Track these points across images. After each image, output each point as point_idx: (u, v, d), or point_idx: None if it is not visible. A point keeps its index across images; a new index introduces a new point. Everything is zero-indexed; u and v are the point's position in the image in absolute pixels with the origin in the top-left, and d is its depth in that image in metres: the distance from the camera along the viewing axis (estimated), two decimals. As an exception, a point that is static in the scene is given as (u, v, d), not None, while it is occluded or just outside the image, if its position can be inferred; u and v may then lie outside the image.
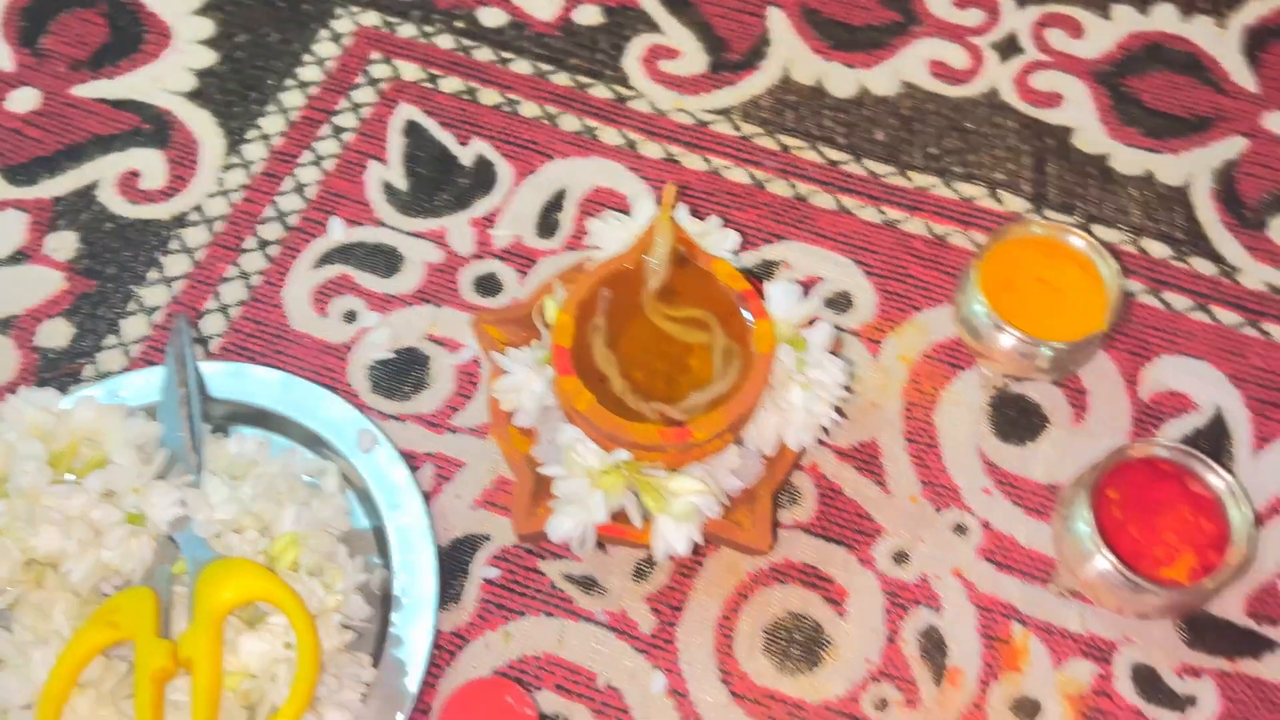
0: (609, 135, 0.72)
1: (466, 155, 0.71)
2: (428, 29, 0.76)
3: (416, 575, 0.57)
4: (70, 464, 0.54)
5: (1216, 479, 0.55)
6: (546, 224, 0.69)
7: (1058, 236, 0.61)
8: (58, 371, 0.64)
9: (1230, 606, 0.59)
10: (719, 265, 0.55)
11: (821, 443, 0.62)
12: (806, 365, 0.54)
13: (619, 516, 0.55)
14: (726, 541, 0.55)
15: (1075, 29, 0.76)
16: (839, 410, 0.58)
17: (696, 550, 0.59)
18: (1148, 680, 0.57)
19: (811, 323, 0.56)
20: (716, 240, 0.58)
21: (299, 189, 0.70)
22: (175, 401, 0.59)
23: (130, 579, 0.53)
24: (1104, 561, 0.54)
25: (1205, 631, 0.58)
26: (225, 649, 0.50)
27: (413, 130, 0.72)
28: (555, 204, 0.70)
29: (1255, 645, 0.58)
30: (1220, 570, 0.53)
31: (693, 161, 0.71)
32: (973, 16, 0.77)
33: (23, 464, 0.51)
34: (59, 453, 0.54)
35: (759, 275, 0.67)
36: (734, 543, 0.55)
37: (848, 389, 0.56)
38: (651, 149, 0.71)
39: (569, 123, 0.72)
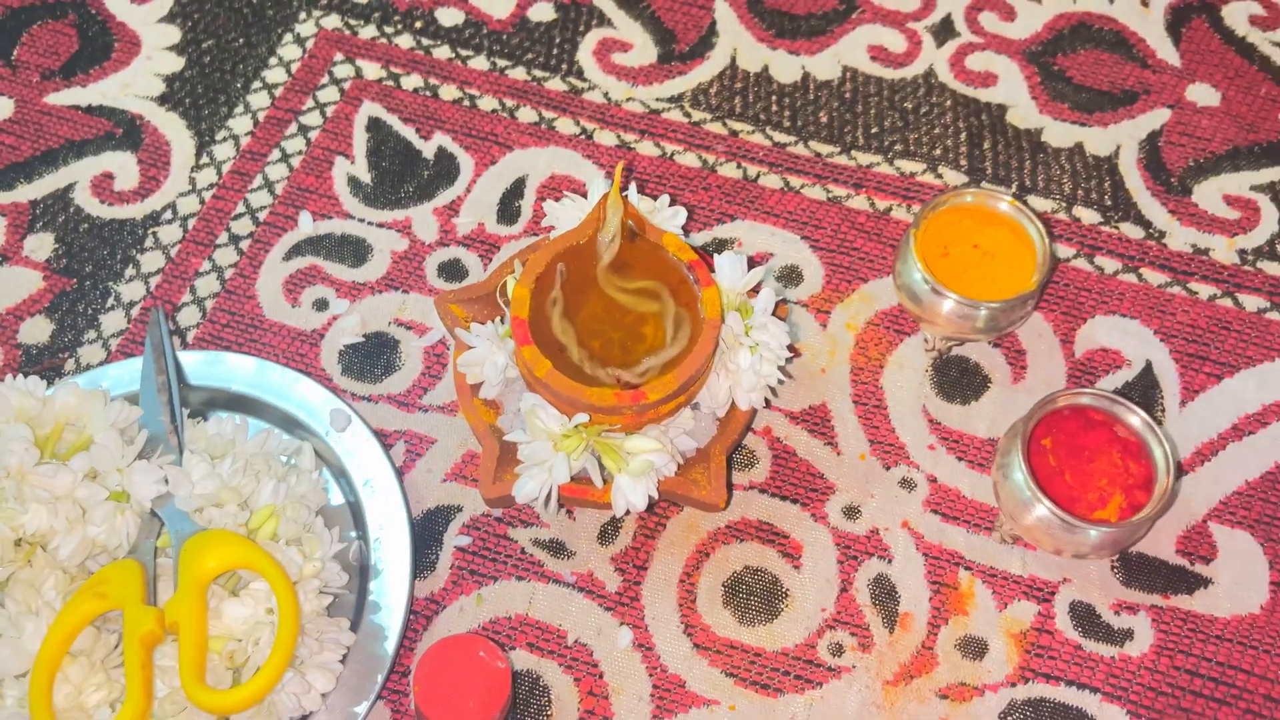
0: (565, 125, 0.75)
1: (428, 148, 0.74)
2: (388, 29, 0.79)
3: (392, 545, 0.60)
4: (54, 448, 0.57)
5: (1137, 419, 0.58)
6: (507, 211, 0.72)
7: (988, 203, 0.65)
8: (39, 366, 0.66)
9: (1163, 547, 0.62)
10: (668, 238, 0.58)
11: (774, 407, 0.66)
12: (752, 329, 0.58)
13: (582, 480, 0.58)
14: (684, 499, 0.58)
15: (1006, 12, 0.80)
16: (785, 371, 0.61)
17: (658, 512, 0.63)
18: (1086, 617, 0.60)
19: (756, 290, 0.60)
20: (665, 217, 0.61)
21: (268, 186, 0.73)
22: (154, 389, 0.61)
23: (116, 554, 0.56)
24: (1041, 508, 0.57)
25: (1139, 571, 0.62)
26: (209, 615, 0.53)
27: (376, 126, 0.75)
28: (515, 191, 0.73)
29: (1187, 582, 0.61)
30: (1147, 506, 0.56)
31: (646, 148, 0.74)
32: (909, 2, 0.80)
33: (9, 445, 0.54)
34: (44, 437, 0.57)
35: (711, 253, 0.70)
36: (691, 499, 0.58)
37: (792, 349, 0.60)
38: (606, 137, 0.75)
39: (526, 115, 0.75)
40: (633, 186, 0.61)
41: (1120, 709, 0.58)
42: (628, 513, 0.57)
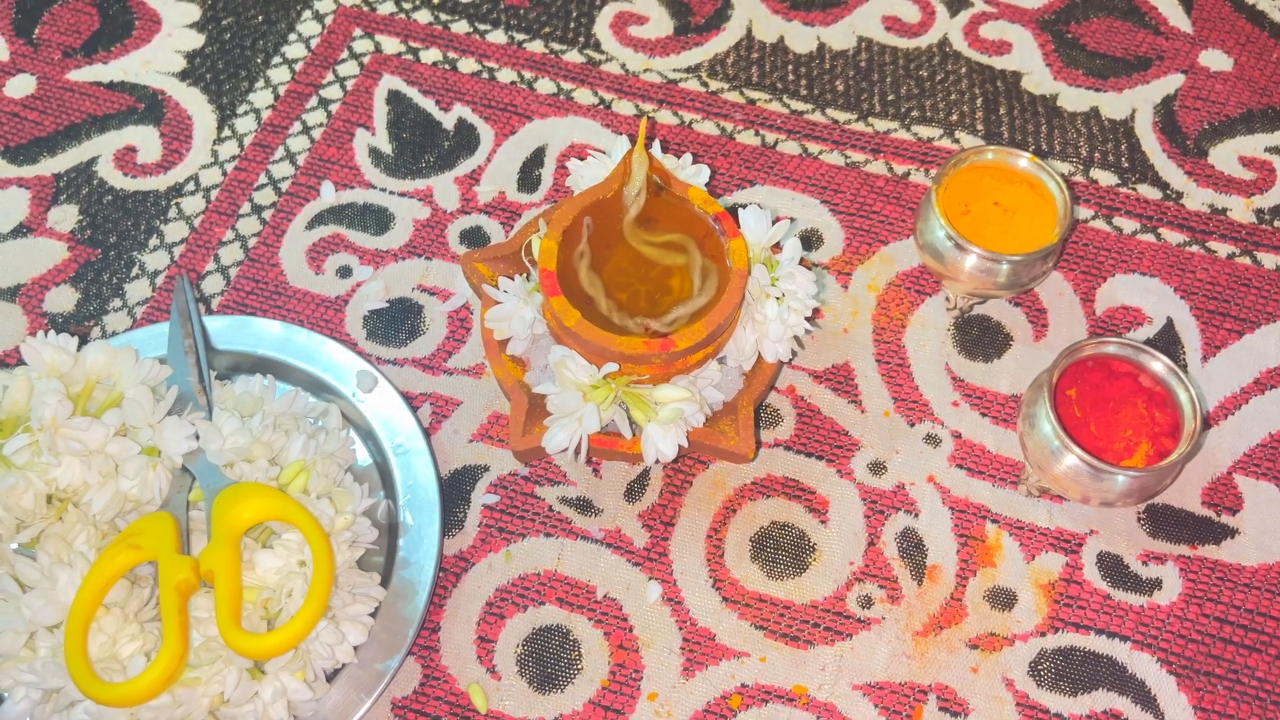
0: (584, 96, 0.76)
1: (448, 120, 0.75)
2: (406, 5, 0.79)
3: (420, 504, 0.60)
4: (86, 406, 0.57)
5: (1161, 366, 0.58)
6: (528, 179, 0.72)
7: (1007, 161, 0.65)
8: (66, 333, 0.67)
9: (1188, 498, 0.62)
10: (693, 192, 0.58)
11: (797, 366, 0.66)
12: (778, 280, 0.58)
13: (610, 432, 0.58)
14: (712, 449, 0.58)
15: (1019, -18, 0.81)
16: (812, 321, 0.61)
17: (684, 469, 0.63)
18: (1113, 568, 0.60)
19: (780, 247, 0.60)
20: (689, 175, 0.61)
21: (290, 157, 0.73)
22: (181, 351, 0.61)
23: (147, 509, 0.56)
24: (1071, 456, 0.57)
25: (1166, 522, 0.62)
26: (243, 566, 0.53)
27: (396, 99, 0.76)
28: (536, 160, 0.73)
29: (1214, 532, 0.61)
30: (1177, 449, 0.56)
31: (664, 117, 0.75)
32: (922, -26, 0.81)
33: (43, 398, 0.54)
34: (75, 395, 0.57)
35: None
36: (720, 450, 0.58)
37: (816, 301, 0.60)
38: (624, 106, 0.75)
39: (545, 86, 0.76)
40: (656, 144, 0.61)
41: (1151, 657, 0.58)
42: (657, 462, 0.57)
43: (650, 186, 0.58)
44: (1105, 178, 0.73)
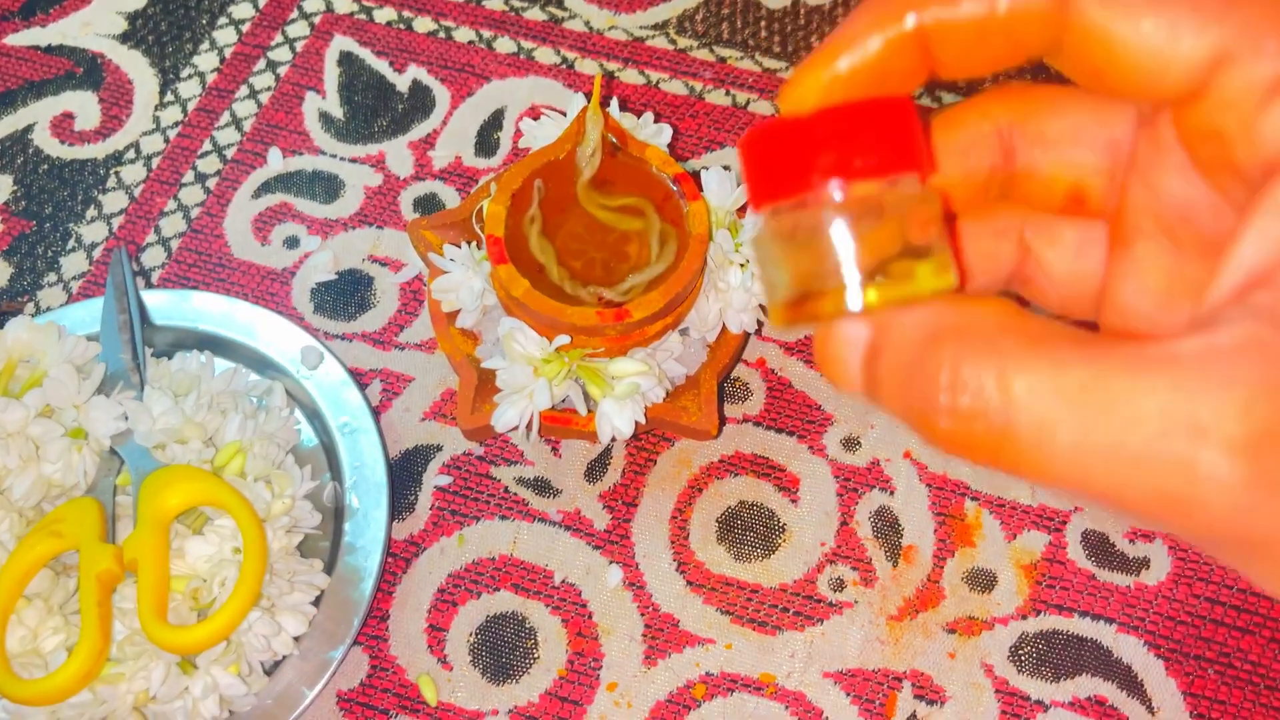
0: (545, 55, 0.72)
1: (402, 81, 0.71)
2: (359, -38, 0.75)
3: (368, 486, 0.57)
4: (7, 386, 0.54)
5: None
6: (486, 143, 0.69)
7: (989, 117, 0.62)
8: (-3, 310, 0.63)
9: (1178, 472, 0.59)
10: (652, 152, 0.55)
11: (767, 338, 0.63)
12: (742, 245, 0.54)
13: (565, 409, 0.55)
14: (673, 426, 0.55)
15: (1004, -69, 0.77)
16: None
17: (647, 447, 0.60)
18: (1099, 546, 0.57)
19: (745, 210, 0.57)
20: (649, 135, 0.58)
21: (236, 123, 0.70)
22: (115, 327, 0.58)
23: (73, 494, 0.53)
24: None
25: (1155, 497, 0.59)
26: (172, 554, 0.50)
27: (348, 60, 0.72)
28: (494, 123, 0.69)
29: (1205, 508, 0.58)
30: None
31: (630, 76, 0.71)
32: (902, -76, 0.77)
33: (-44, 378, 0.51)
34: (-4, 375, 0.54)
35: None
36: (680, 426, 0.55)
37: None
38: (588, 66, 0.71)
39: (504, 45, 0.72)
40: (615, 102, 0.58)
41: (1137, 640, 0.55)
42: (614, 440, 0.54)
43: (606, 147, 0.55)
44: (1093, 136, 0.69)
